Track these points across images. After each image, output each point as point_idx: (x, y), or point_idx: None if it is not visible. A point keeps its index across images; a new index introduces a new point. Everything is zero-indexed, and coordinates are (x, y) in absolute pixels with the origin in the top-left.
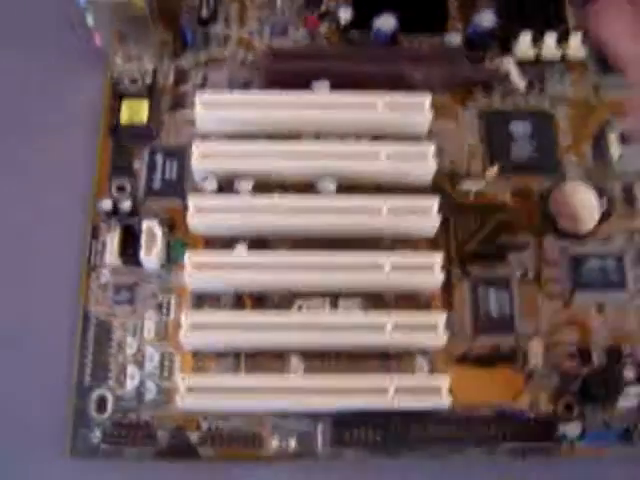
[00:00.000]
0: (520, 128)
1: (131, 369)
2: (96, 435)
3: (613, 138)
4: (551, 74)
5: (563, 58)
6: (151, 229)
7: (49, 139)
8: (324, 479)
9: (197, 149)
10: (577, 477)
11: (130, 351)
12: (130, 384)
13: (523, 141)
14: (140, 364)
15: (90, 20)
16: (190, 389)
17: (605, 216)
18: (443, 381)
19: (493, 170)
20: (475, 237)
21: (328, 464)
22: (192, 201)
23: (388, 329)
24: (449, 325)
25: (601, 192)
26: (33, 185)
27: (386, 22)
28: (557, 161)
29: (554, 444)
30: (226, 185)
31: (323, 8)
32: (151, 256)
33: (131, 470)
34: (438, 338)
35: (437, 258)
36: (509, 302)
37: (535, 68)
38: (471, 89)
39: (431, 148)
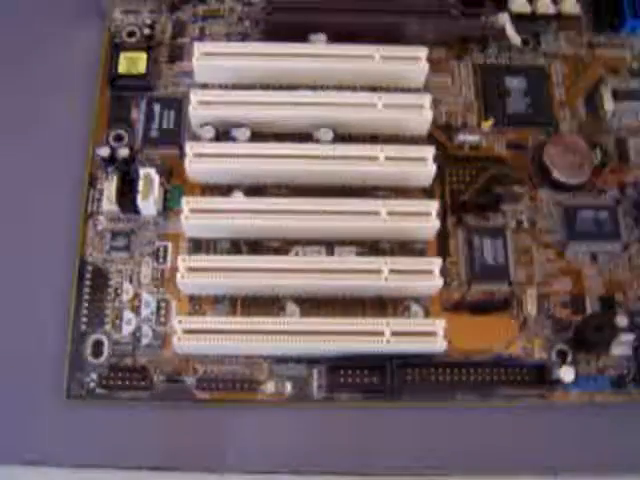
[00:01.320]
0: (515, 83)
1: (127, 314)
2: (92, 379)
3: (606, 94)
4: (546, 30)
5: (558, 15)
6: (148, 175)
7: (48, 90)
8: (319, 423)
9: (195, 96)
10: (570, 422)
11: (126, 297)
12: (126, 329)
13: (518, 95)
14: (136, 310)
15: None
16: (187, 331)
17: (598, 168)
18: (439, 325)
19: (488, 123)
20: (470, 188)
21: (323, 408)
22: (190, 148)
23: (384, 274)
24: (444, 273)
25: (594, 145)
26: (31, 133)
27: None
28: (551, 115)
29: (548, 390)
30: (223, 134)
31: None
32: (148, 202)
33: (126, 413)
34: (434, 283)
35: (433, 206)
36: (504, 251)
37: (530, 25)
38: (466, 44)
39: (427, 98)
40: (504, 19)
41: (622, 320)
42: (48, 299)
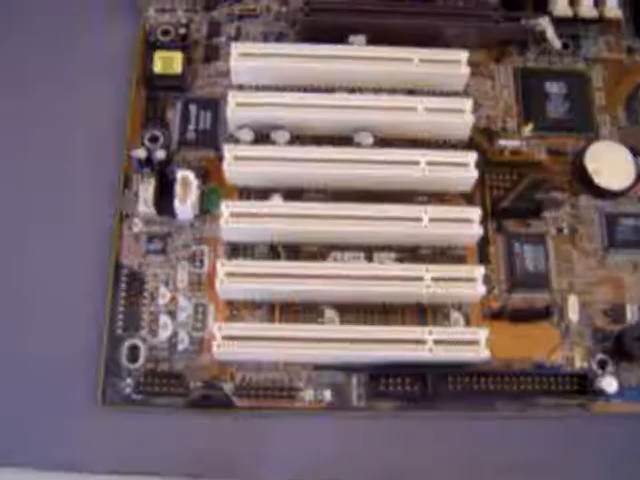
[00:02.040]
0: (555, 88)
1: (164, 319)
2: (128, 384)
3: None
4: (586, 34)
5: (599, 19)
6: (186, 178)
7: (82, 89)
8: (358, 431)
9: (233, 99)
10: (611, 432)
11: (163, 301)
12: (163, 334)
13: (558, 100)
14: (173, 314)
15: None
16: (227, 337)
17: None
18: (482, 334)
19: (528, 128)
20: (510, 194)
21: (363, 416)
22: (229, 150)
23: (426, 281)
24: (485, 280)
25: (636, 152)
26: (66, 134)
27: None
28: (591, 121)
29: (589, 400)
30: (261, 137)
31: None
32: (186, 206)
33: (162, 420)
34: (476, 291)
35: (476, 212)
36: (544, 258)
37: (570, 28)
38: (506, 46)
39: (469, 102)
40: (545, 23)
41: None
42: (83, 302)
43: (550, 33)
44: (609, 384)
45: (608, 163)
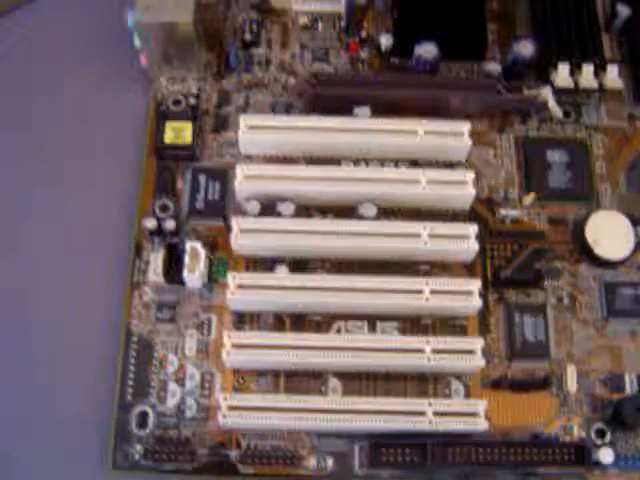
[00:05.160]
0: (556, 156)
1: (172, 386)
2: (137, 450)
3: None
4: (587, 103)
5: (600, 88)
6: (195, 249)
7: (94, 157)
8: None
9: (241, 172)
10: None
11: (171, 368)
12: (171, 401)
13: (559, 169)
14: (181, 381)
15: (137, 41)
16: (232, 408)
17: (639, 245)
18: (480, 406)
19: (530, 197)
20: (511, 263)
21: None
22: (236, 223)
23: (427, 353)
24: (485, 351)
25: (635, 221)
26: (78, 202)
27: (428, 50)
28: (592, 189)
29: (587, 470)
30: (268, 207)
31: (364, 34)
32: (194, 275)
33: None
34: (475, 363)
35: (476, 284)
36: (544, 328)
37: (571, 97)
38: (508, 117)
39: (471, 175)
40: (547, 93)
41: None
42: (94, 368)
43: (551, 103)
44: (605, 455)
45: (608, 233)
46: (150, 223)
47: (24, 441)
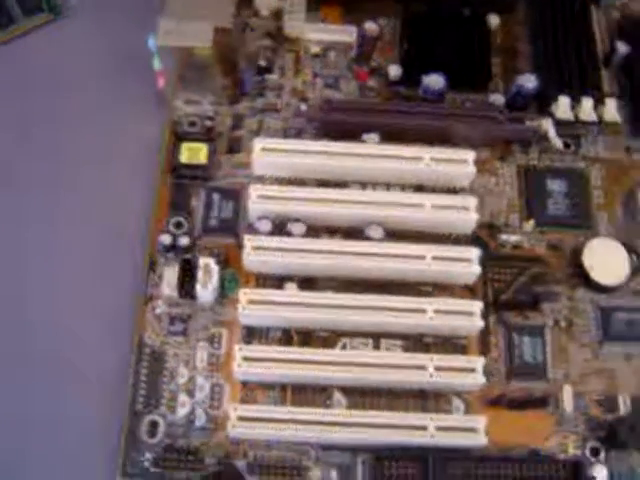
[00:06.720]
0: (556, 185)
1: (182, 397)
2: (147, 458)
3: None
4: (586, 135)
5: (599, 121)
6: (208, 265)
7: (111, 176)
8: None
9: (255, 191)
10: None
11: (182, 380)
12: (181, 411)
13: (558, 197)
14: (191, 393)
15: (157, 64)
16: (241, 418)
17: (635, 271)
18: (480, 422)
19: (530, 224)
20: (511, 286)
21: None
22: (248, 241)
23: (429, 370)
24: (485, 370)
25: (631, 249)
26: (96, 219)
27: (435, 81)
28: (590, 217)
29: None
30: (278, 226)
31: (373, 64)
32: (207, 291)
33: None
34: (476, 381)
35: (477, 306)
36: (542, 349)
37: (571, 129)
38: (510, 146)
39: (473, 201)
40: (547, 124)
41: None
42: (107, 377)
43: (552, 134)
44: (599, 471)
45: (604, 259)
46: (165, 239)
47: (34, 448)
